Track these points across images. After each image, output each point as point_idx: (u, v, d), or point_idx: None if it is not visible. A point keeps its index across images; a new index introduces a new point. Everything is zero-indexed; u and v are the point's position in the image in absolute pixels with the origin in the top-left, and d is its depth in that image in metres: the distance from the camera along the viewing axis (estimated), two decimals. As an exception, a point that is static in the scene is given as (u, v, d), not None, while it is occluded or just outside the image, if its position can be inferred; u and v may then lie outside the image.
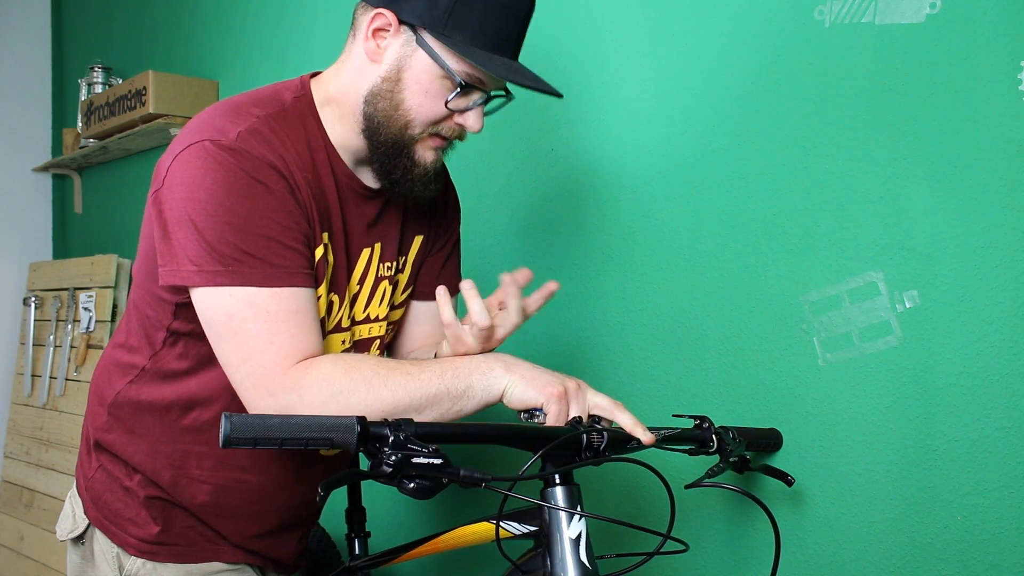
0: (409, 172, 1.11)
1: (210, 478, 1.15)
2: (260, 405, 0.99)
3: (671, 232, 1.48)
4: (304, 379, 0.98)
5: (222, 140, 1.00)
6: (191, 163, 1.00)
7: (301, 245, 1.03)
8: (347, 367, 0.99)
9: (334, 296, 1.13)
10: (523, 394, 0.99)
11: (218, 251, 0.98)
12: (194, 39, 2.79)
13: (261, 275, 0.99)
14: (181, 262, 1.00)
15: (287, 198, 1.02)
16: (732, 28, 1.40)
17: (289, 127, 1.07)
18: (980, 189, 1.14)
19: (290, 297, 1.01)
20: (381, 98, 1.08)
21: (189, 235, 0.99)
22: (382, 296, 1.22)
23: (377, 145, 1.10)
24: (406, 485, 0.81)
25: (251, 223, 0.99)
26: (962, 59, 1.15)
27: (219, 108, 1.07)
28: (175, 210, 1.00)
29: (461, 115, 1.09)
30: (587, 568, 0.94)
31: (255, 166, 1.00)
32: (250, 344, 0.99)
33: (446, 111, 1.08)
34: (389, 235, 1.21)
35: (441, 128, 1.10)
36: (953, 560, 1.17)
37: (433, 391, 0.99)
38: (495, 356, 1.04)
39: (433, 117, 1.08)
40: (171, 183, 1.01)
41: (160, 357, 1.13)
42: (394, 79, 1.07)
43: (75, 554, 1.24)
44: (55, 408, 2.92)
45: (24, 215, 3.47)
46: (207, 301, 1.01)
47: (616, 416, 1.00)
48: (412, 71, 1.06)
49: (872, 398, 1.24)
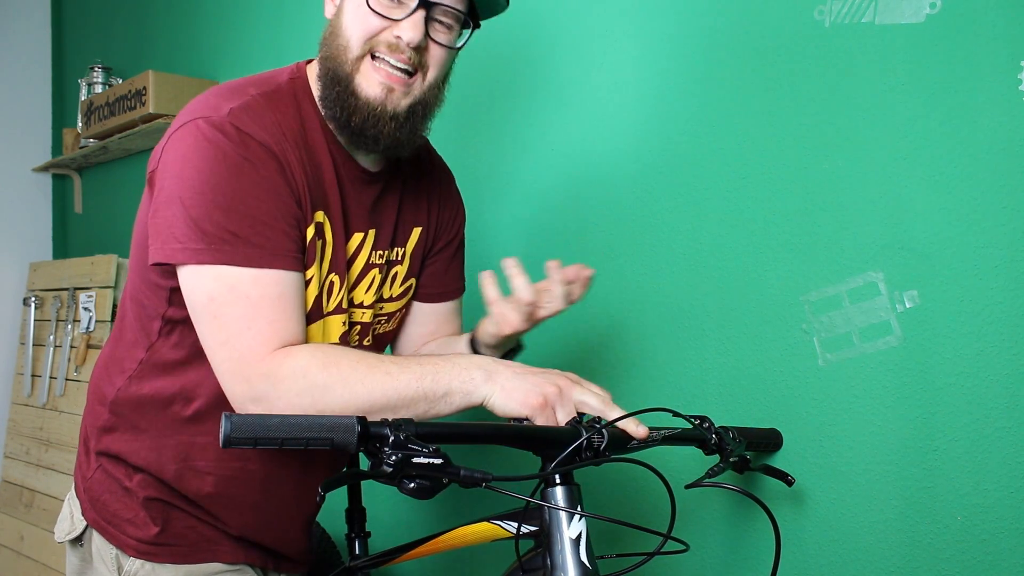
0: (357, 110, 1.07)
1: (215, 469, 1.15)
2: (236, 391, 0.99)
3: (671, 232, 1.48)
4: (280, 368, 0.97)
5: (213, 117, 1.01)
6: (183, 141, 1.01)
7: (288, 227, 1.03)
8: (325, 361, 0.98)
9: (334, 277, 1.13)
10: (504, 406, 0.97)
11: (203, 229, 0.98)
12: (194, 39, 2.79)
13: (244, 255, 0.99)
14: (167, 240, 1.00)
15: (276, 178, 1.02)
16: (732, 28, 1.40)
17: (284, 105, 1.08)
18: (980, 189, 1.14)
19: (272, 282, 1.00)
20: (329, 35, 1.10)
21: (177, 213, 0.99)
22: (370, 283, 1.21)
23: (330, 88, 1.09)
24: (406, 485, 0.81)
25: (238, 202, 0.99)
26: (962, 59, 1.15)
27: (216, 88, 1.09)
28: (165, 188, 1.01)
29: (396, 26, 1.06)
30: (587, 568, 0.94)
31: (244, 144, 1.01)
32: (228, 329, 0.99)
33: (380, 20, 1.05)
34: (384, 223, 1.21)
35: (377, 43, 1.06)
36: (953, 560, 1.17)
37: (411, 393, 0.97)
38: (478, 362, 1.01)
39: (367, 28, 1.06)
40: (164, 162, 1.03)
41: (157, 348, 1.13)
42: (338, 12, 1.10)
43: (74, 556, 1.23)
44: (55, 408, 2.92)
45: (24, 215, 3.47)
46: (191, 281, 1.01)
47: (607, 415, 0.99)
48: (349, 3, 1.08)
49: (872, 398, 1.24)
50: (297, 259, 1.04)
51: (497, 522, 1.05)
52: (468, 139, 1.83)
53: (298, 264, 1.04)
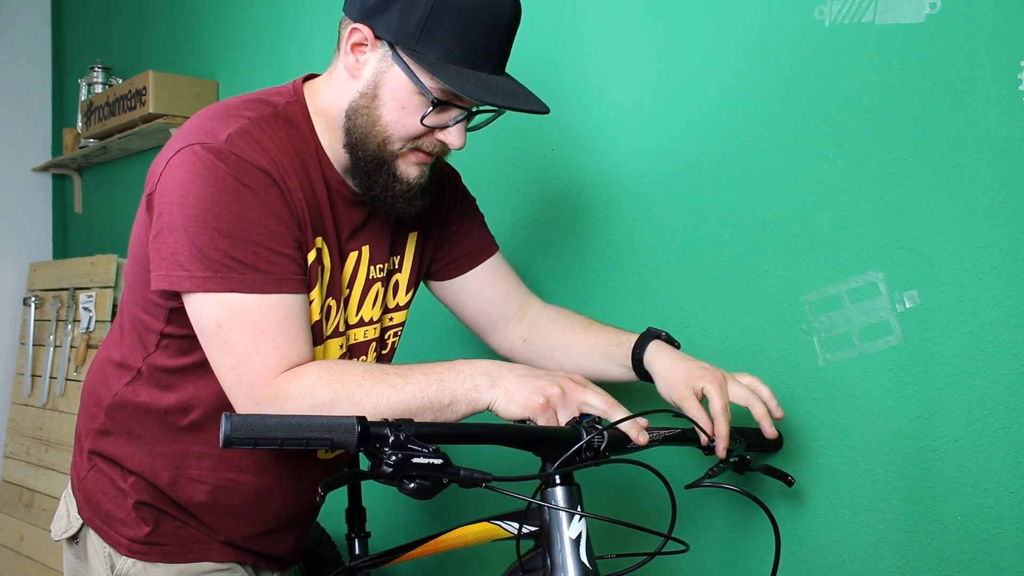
0: (391, 188, 1.10)
1: (208, 478, 1.16)
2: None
3: (671, 232, 1.48)
4: (288, 390, 0.98)
5: (211, 143, 1.00)
6: (181, 168, 1.01)
7: (291, 250, 1.03)
8: (331, 378, 0.99)
9: (332, 301, 1.13)
10: (506, 410, 0.98)
11: (208, 257, 0.98)
12: (194, 39, 2.79)
13: (250, 282, 1.00)
14: (172, 267, 1.00)
15: (276, 203, 1.02)
16: (732, 28, 1.40)
17: (281, 130, 1.07)
18: (980, 189, 1.14)
19: (276, 306, 1.01)
20: (360, 114, 1.08)
21: (180, 240, 0.99)
22: (374, 299, 1.22)
23: (358, 160, 1.10)
24: (406, 485, 0.81)
25: (240, 229, 0.99)
26: (962, 59, 1.15)
27: (211, 110, 1.07)
28: (166, 215, 1.01)
29: (441, 131, 1.08)
30: (587, 568, 0.94)
31: (243, 170, 1.00)
32: (237, 354, 1.00)
33: (424, 127, 1.07)
34: (378, 237, 1.21)
35: (422, 143, 1.09)
36: (953, 560, 1.17)
37: (416, 403, 0.98)
38: (482, 368, 1.01)
39: (411, 133, 1.07)
40: (163, 187, 1.02)
41: (153, 359, 1.14)
42: (371, 95, 1.07)
43: (69, 554, 1.24)
44: (55, 408, 2.92)
45: (24, 215, 3.47)
46: (198, 309, 1.01)
47: (611, 416, 0.99)
48: (388, 87, 1.06)
49: (872, 398, 1.24)
50: (301, 281, 1.04)
51: (497, 522, 1.05)
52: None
53: (301, 286, 1.05)
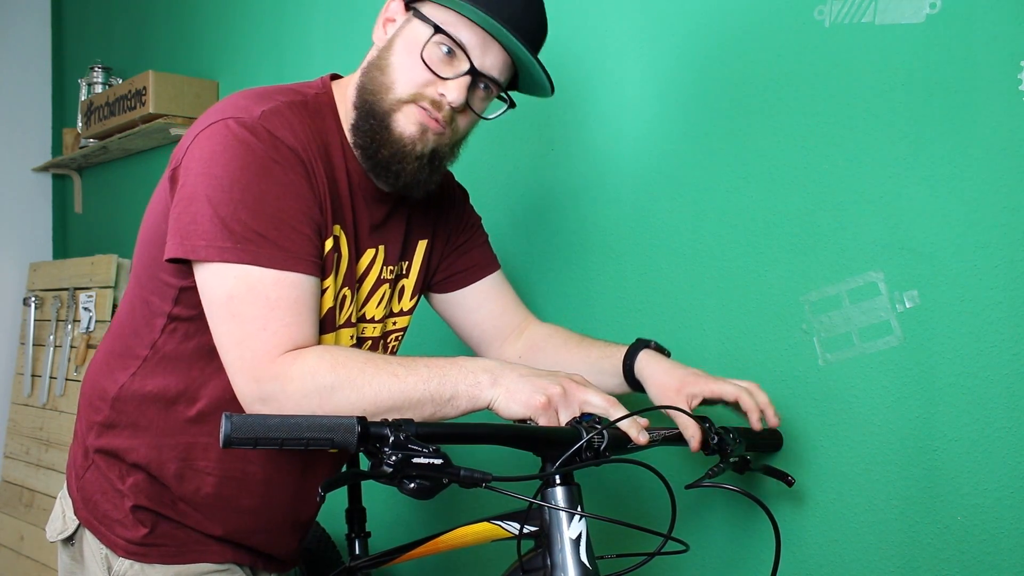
0: (390, 145, 1.09)
1: (216, 469, 1.15)
2: (245, 390, 1.00)
3: (671, 232, 1.48)
4: (290, 369, 0.98)
5: (245, 118, 1.02)
6: (212, 139, 1.02)
7: (311, 232, 1.04)
8: (334, 362, 0.99)
9: (347, 291, 1.14)
10: (507, 409, 0.98)
11: (229, 227, 0.99)
12: (194, 39, 2.79)
13: (268, 256, 1.00)
14: (190, 236, 1.00)
15: (303, 183, 1.03)
16: (732, 28, 1.40)
17: (310, 118, 1.09)
18: (980, 189, 1.14)
19: (291, 285, 1.01)
20: (374, 66, 1.11)
21: (202, 209, 0.99)
22: (380, 299, 1.22)
23: (363, 121, 1.10)
24: (406, 485, 0.81)
25: (265, 203, 1.00)
26: (962, 59, 1.15)
27: (243, 92, 1.09)
28: (190, 184, 1.01)
29: (443, 83, 1.08)
30: (587, 568, 0.94)
31: (275, 146, 1.01)
32: (244, 328, 0.99)
33: (428, 75, 1.07)
34: (393, 239, 1.22)
35: (424, 92, 1.08)
36: (953, 560, 1.17)
37: (417, 395, 0.98)
38: (484, 366, 1.01)
39: (415, 78, 1.08)
40: (190, 159, 1.03)
41: (160, 345, 1.13)
42: (387, 47, 1.11)
43: (65, 555, 1.23)
44: (55, 408, 2.92)
45: (24, 215, 3.47)
46: (212, 279, 1.01)
47: (611, 415, 0.99)
48: (403, 36, 1.09)
49: (872, 398, 1.24)
50: (317, 264, 1.05)
51: (497, 522, 1.05)
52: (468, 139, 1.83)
53: (317, 269, 1.05)
